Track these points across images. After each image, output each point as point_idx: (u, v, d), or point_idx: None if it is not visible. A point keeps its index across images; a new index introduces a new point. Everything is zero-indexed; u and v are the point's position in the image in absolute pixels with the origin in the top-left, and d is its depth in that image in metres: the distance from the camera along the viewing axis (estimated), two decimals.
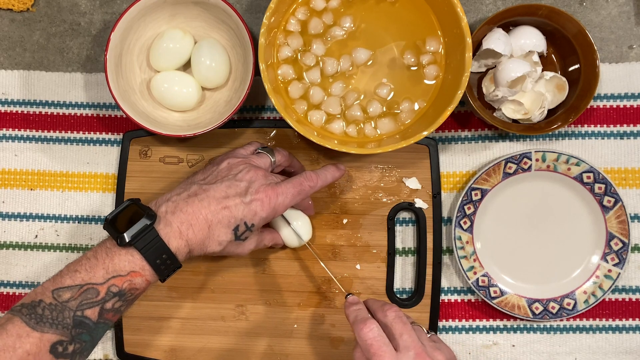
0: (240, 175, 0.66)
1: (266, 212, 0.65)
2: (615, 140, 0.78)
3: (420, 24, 0.74)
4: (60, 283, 0.60)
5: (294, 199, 0.67)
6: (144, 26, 0.76)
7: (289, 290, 0.78)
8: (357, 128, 0.74)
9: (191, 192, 0.64)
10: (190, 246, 0.63)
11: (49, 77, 0.81)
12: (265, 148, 0.72)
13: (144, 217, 0.61)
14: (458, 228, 0.77)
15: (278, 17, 0.73)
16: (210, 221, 0.63)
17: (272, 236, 0.74)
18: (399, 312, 0.63)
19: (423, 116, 0.74)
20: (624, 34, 0.79)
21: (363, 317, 0.62)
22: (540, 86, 0.75)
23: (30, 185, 0.81)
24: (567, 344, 0.78)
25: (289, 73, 0.74)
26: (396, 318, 0.62)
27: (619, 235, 0.76)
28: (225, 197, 0.64)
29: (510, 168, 0.76)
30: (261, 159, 0.70)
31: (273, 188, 0.65)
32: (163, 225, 0.62)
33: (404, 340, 0.60)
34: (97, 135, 0.81)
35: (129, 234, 0.60)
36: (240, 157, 0.69)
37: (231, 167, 0.67)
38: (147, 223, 0.61)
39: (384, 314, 0.63)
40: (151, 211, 0.63)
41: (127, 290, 0.61)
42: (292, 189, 0.66)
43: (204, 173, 0.68)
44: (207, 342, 0.78)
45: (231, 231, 0.64)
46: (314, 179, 0.68)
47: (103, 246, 0.63)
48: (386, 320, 0.62)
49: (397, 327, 0.61)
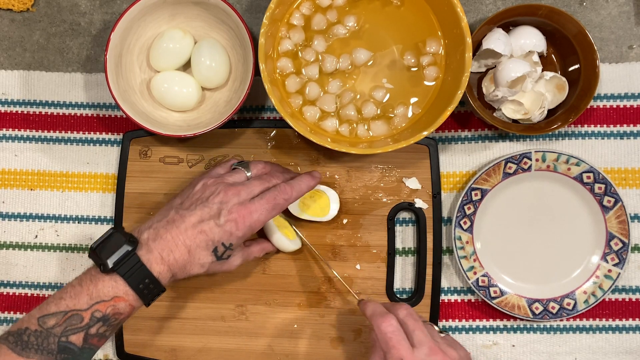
0: (212, 197, 0.67)
1: (242, 232, 0.66)
2: (615, 140, 0.78)
3: (421, 25, 0.74)
4: (46, 310, 0.62)
5: (269, 215, 0.67)
6: (144, 26, 0.76)
7: (289, 290, 0.78)
8: (350, 128, 0.75)
9: (169, 219, 0.66)
10: (172, 271, 0.65)
11: (49, 77, 0.81)
12: (241, 163, 0.72)
13: (126, 243, 0.63)
14: (458, 228, 0.77)
15: (282, 10, 0.73)
16: (189, 246, 0.65)
17: (261, 247, 0.75)
18: (410, 309, 0.65)
19: (417, 122, 0.74)
20: (624, 34, 0.79)
21: (382, 311, 0.64)
22: (540, 86, 0.75)
23: (30, 185, 0.81)
24: (567, 344, 0.78)
25: (288, 66, 0.74)
26: (407, 315, 0.64)
27: (619, 235, 0.76)
28: (200, 222, 0.65)
29: (510, 168, 0.76)
30: (236, 175, 0.70)
31: (246, 207, 0.66)
32: (145, 251, 0.64)
33: (417, 335, 0.62)
34: (97, 135, 0.81)
35: (111, 261, 0.62)
36: (215, 176, 0.70)
37: (205, 188, 0.68)
38: (128, 249, 0.63)
39: (396, 312, 0.65)
40: (133, 238, 0.65)
41: (110, 315, 0.63)
42: (266, 204, 0.67)
43: (181, 196, 0.69)
44: (207, 342, 0.78)
45: (211, 253, 0.66)
46: (288, 191, 0.68)
47: (88, 273, 0.64)
48: (398, 318, 0.64)
49: (410, 323, 0.63)
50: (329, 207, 0.76)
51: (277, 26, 0.74)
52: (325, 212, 0.76)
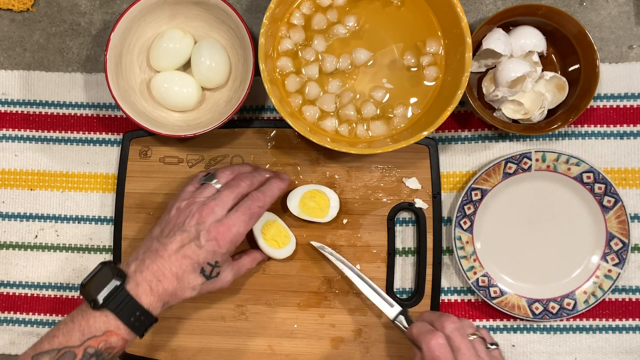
0: (188, 220, 0.67)
1: (225, 248, 0.67)
2: (615, 140, 0.78)
3: (421, 26, 0.74)
4: (40, 348, 0.63)
5: (248, 225, 0.68)
6: (144, 26, 0.76)
7: (289, 290, 0.78)
8: (349, 128, 0.75)
9: (153, 249, 0.67)
10: (163, 300, 0.66)
11: (49, 77, 0.81)
12: (207, 176, 0.72)
13: (114, 278, 0.64)
14: (458, 228, 0.77)
15: (283, 9, 0.73)
16: (175, 273, 0.66)
17: (251, 257, 0.75)
18: (457, 323, 0.66)
19: (416, 123, 0.74)
20: (624, 34, 0.79)
21: (429, 329, 0.66)
22: (540, 86, 0.75)
23: (30, 185, 0.81)
24: (567, 344, 0.78)
25: (288, 66, 0.74)
26: (454, 330, 0.65)
27: (619, 235, 0.76)
28: (181, 247, 0.66)
29: (510, 168, 0.76)
30: (206, 190, 0.70)
31: (223, 223, 0.67)
32: (134, 284, 0.65)
33: (462, 353, 0.63)
34: (97, 135, 0.81)
35: (101, 297, 0.63)
36: (187, 197, 0.70)
37: (180, 212, 0.68)
38: (117, 284, 0.64)
39: (442, 325, 0.65)
40: (121, 272, 0.65)
41: (103, 349, 0.63)
42: (242, 215, 0.67)
43: (159, 225, 0.70)
44: (207, 342, 0.78)
45: (199, 275, 0.67)
46: (261, 198, 0.69)
47: (80, 310, 0.65)
48: (445, 332, 0.65)
49: (456, 340, 0.64)
50: (329, 208, 0.76)
51: (277, 25, 0.74)
52: (325, 212, 0.76)
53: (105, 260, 0.67)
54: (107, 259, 0.80)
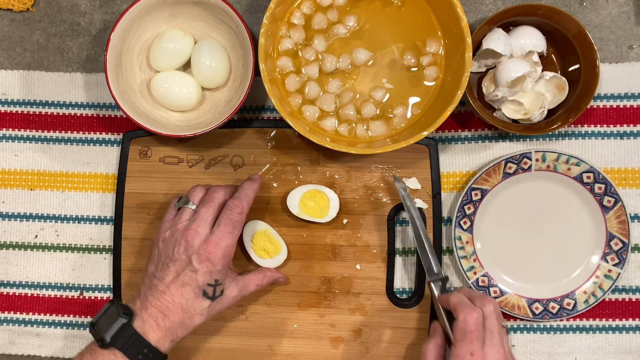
0: (176, 249, 0.67)
1: (220, 264, 0.67)
2: (615, 140, 0.78)
3: (421, 26, 0.74)
4: None
5: (234, 235, 0.68)
6: (144, 26, 0.76)
7: (289, 290, 0.78)
8: (349, 128, 0.75)
9: (152, 286, 0.68)
10: (172, 334, 0.66)
11: (49, 77, 0.81)
12: (179, 200, 0.72)
13: (121, 316, 0.65)
14: (458, 228, 0.77)
15: (283, 9, 0.73)
16: (179, 304, 0.66)
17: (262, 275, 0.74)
18: (497, 307, 0.66)
19: (416, 123, 0.74)
20: (624, 34, 0.79)
21: (469, 303, 0.66)
22: (540, 86, 0.75)
23: (30, 185, 0.81)
24: (567, 344, 0.78)
25: (288, 65, 0.74)
26: (493, 313, 0.65)
27: (619, 235, 0.76)
28: (177, 277, 0.67)
29: (510, 168, 0.76)
30: (184, 214, 0.70)
31: (210, 241, 0.67)
32: (140, 322, 0.66)
33: (493, 336, 0.64)
34: (97, 135, 0.81)
35: (108, 335, 0.64)
36: (168, 227, 0.70)
37: (166, 244, 0.69)
38: (124, 322, 0.65)
39: (482, 304, 0.66)
40: (128, 309, 0.66)
41: None
42: (225, 227, 0.68)
43: (152, 261, 0.70)
44: (207, 342, 0.78)
45: (203, 298, 0.67)
46: (239, 204, 0.69)
47: (89, 349, 0.66)
48: (484, 311, 0.65)
49: (491, 322, 0.65)
50: (329, 208, 0.76)
51: (277, 25, 0.74)
52: (325, 212, 0.76)
53: (112, 299, 0.68)
54: (107, 258, 0.80)
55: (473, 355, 0.63)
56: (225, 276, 0.69)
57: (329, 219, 0.77)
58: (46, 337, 0.80)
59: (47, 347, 0.80)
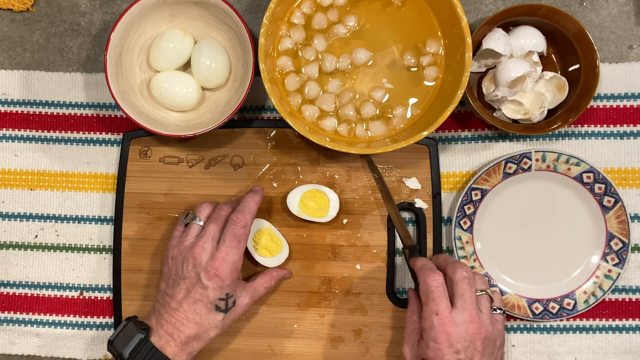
0: (185, 267, 0.68)
1: (228, 279, 0.68)
2: (615, 140, 0.78)
3: (421, 25, 0.74)
4: None
5: (239, 250, 0.68)
6: (144, 26, 0.76)
7: (289, 290, 0.78)
8: (349, 128, 0.75)
9: (166, 303, 0.68)
10: (189, 347, 0.67)
11: (49, 77, 0.81)
12: (187, 216, 0.73)
13: (138, 332, 0.66)
14: (458, 228, 0.77)
15: (283, 8, 0.73)
16: (193, 319, 0.67)
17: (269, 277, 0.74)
18: (470, 273, 0.66)
19: (416, 123, 0.74)
20: (624, 34, 0.79)
21: (432, 267, 0.67)
22: (540, 86, 0.75)
23: (30, 185, 0.81)
24: (567, 344, 0.78)
25: (288, 65, 0.74)
26: (464, 278, 0.65)
27: (619, 235, 0.76)
28: (188, 294, 0.68)
29: (510, 168, 0.76)
30: (191, 231, 0.70)
31: (216, 258, 0.67)
32: (157, 337, 0.67)
33: (464, 300, 0.64)
34: (97, 135, 0.81)
35: (126, 351, 0.65)
36: (176, 244, 0.70)
37: (175, 262, 0.69)
38: (141, 337, 0.66)
39: (454, 270, 0.66)
40: (145, 325, 0.67)
41: None
42: (230, 242, 0.68)
43: (163, 279, 0.71)
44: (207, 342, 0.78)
45: (216, 312, 0.68)
46: (241, 217, 0.69)
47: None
48: (454, 277, 0.65)
49: (462, 286, 0.65)
50: (329, 208, 0.76)
51: (277, 24, 0.74)
52: (325, 212, 0.76)
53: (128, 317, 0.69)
54: (107, 258, 0.80)
55: (438, 314, 0.64)
56: (235, 288, 0.70)
57: (329, 219, 0.77)
58: (46, 337, 0.80)
59: (47, 347, 0.80)
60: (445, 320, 0.63)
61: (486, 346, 0.64)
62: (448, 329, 0.63)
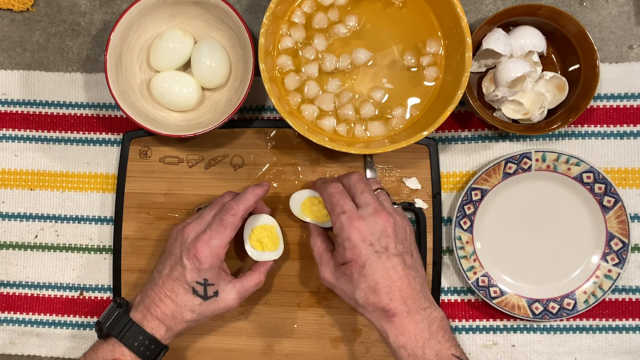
0: (175, 244, 0.69)
1: (207, 263, 0.67)
2: (615, 140, 0.78)
3: (421, 26, 0.74)
4: None
5: (224, 236, 0.68)
6: (144, 26, 0.76)
7: (289, 290, 0.78)
8: (348, 127, 0.75)
9: (153, 280, 0.70)
10: (165, 324, 0.67)
11: (49, 77, 0.81)
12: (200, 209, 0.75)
13: (116, 307, 0.67)
14: (458, 228, 0.77)
15: (284, 7, 0.73)
16: (170, 296, 0.68)
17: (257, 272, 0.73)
18: (362, 175, 0.70)
19: (416, 123, 0.74)
20: (624, 34, 0.79)
21: (326, 179, 0.72)
22: (540, 86, 0.75)
23: (30, 185, 0.81)
24: (567, 344, 0.78)
25: (288, 64, 0.74)
26: (359, 180, 0.68)
27: (619, 235, 0.76)
28: (171, 271, 0.68)
29: (510, 168, 0.76)
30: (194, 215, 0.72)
31: (200, 239, 0.67)
32: (135, 311, 0.68)
33: (364, 197, 0.66)
34: (97, 135, 0.81)
35: (104, 324, 0.67)
36: (180, 226, 0.71)
37: (171, 240, 0.70)
38: (119, 311, 0.67)
39: (347, 177, 0.69)
40: (124, 301, 0.69)
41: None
42: (216, 227, 0.68)
43: (161, 256, 0.71)
44: (207, 342, 0.78)
45: (192, 295, 0.68)
46: (234, 206, 0.69)
47: (92, 346, 0.69)
48: (350, 182, 0.68)
49: (359, 187, 0.67)
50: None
51: (278, 23, 0.74)
52: (328, 218, 0.75)
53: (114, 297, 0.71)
54: (107, 258, 0.80)
55: (345, 213, 0.65)
56: (217, 278, 0.69)
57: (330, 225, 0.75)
58: (46, 337, 0.80)
59: (47, 347, 0.80)
60: (353, 216, 0.65)
61: (397, 232, 0.65)
62: (357, 225, 0.64)
